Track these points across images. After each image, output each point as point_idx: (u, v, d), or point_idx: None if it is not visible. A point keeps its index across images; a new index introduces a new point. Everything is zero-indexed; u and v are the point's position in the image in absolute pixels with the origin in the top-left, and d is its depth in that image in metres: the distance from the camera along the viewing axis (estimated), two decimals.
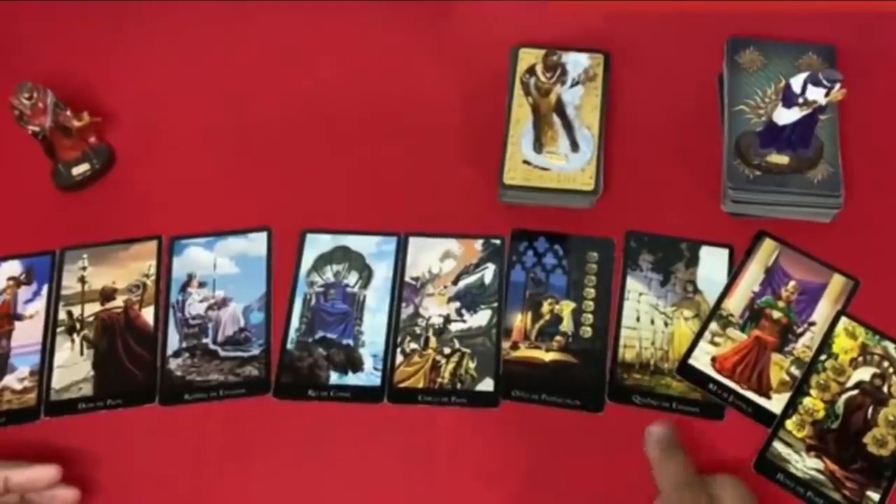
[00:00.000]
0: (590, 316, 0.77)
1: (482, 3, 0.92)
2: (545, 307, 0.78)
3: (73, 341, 0.78)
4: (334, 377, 0.76)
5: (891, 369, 0.73)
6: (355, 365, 0.77)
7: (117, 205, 0.84)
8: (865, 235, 0.79)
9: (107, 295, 0.80)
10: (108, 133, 0.87)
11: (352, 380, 0.76)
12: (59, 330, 0.79)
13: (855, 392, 0.73)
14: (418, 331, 0.78)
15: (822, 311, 0.76)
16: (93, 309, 0.80)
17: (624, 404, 0.74)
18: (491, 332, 0.77)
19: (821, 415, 0.72)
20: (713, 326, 0.76)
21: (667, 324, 0.76)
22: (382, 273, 0.80)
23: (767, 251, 0.78)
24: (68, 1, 0.93)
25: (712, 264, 0.78)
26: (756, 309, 0.76)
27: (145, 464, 0.74)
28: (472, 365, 0.76)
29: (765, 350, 0.75)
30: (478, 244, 0.80)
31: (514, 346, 0.77)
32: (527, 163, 0.81)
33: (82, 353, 0.78)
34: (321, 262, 0.81)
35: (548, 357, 0.76)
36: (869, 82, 0.82)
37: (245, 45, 0.91)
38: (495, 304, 0.78)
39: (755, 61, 0.83)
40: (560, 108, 0.83)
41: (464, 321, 0.78)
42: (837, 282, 0.77)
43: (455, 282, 0.79)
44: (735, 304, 0.76)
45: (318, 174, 0.84)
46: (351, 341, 0.77)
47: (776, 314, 0.76)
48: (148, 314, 0.79)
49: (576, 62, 0.84)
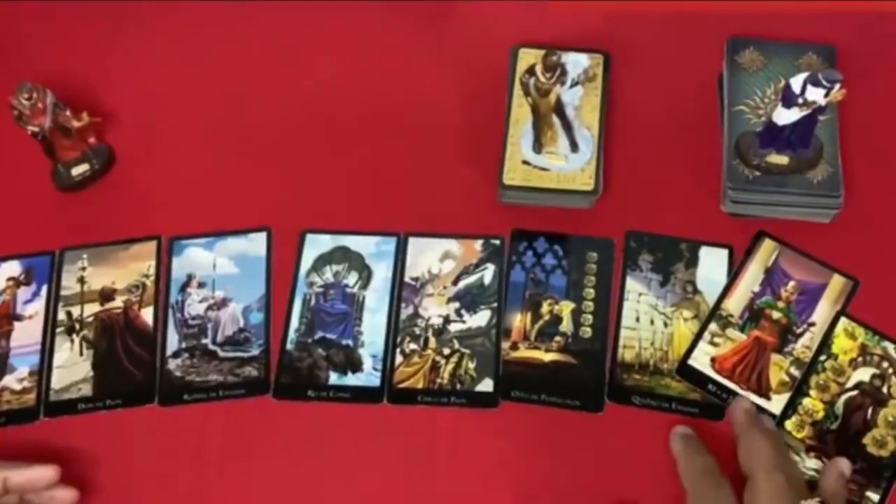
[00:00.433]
0: (589, 316, 0.77)
1: (482, 3, 0.92)
2: (545, 307, 0.78)
3: (72, 341, 0.78)
4: (334, 377, 0.76)
5: (890, 370, 0.73)
6: (355, 365, 0.77)
7: (117, 205, 0.84)
8: (865, 235, 0.78)
9: (106, 295, 0.80)
10: (107, 133, 0.87)
11: (351, 380, 0.76)
12: (58, 330, 0.79)
13: (854, 393, 0.73)
14: (418, 331, 0.78)
15: (822, 312, 0.76)
16: (92, 309, 0.80)
17: (623, 405, 0.74)
18: (490, 333, 0.77)
19: (820, 415, 0.72)
20: (713, 327, 0.76)
21: (666, 324, 0.76)
22: (382, 273, 0.80)
23: (767, 251, 0.78)
24: (68, 1, 0.93)
25: (712, 264, 0.78)
26: (756, 309, 0.76)
27: (145, 464, 0.74)
28: (471, 365, 0.76)
29: (764, 350, 0.75)
30: (477, 244, 0.80)
31: (514, 347, 0.76)
32: (526, 163, 0.80)
33: (82, 354, 0.78)
34: (321, 262, 0.80)
35: (547, 357, 0.76)
36: (869, 82, 0.82)
37: (245, 45, 0.91)
38: (495, 305, 0.78)
39: (755, 61, 0.83)
40: (560, 108, 0.82)
41: (463, 321, 0.78)
42: (837, 282, 0.76)
43: (455, 282, 0.79)
44: (735, 305, 0.76)
45: (318, 174, 0.84)
46: (350, 342, 0.77)
47: (776, 314, 0.76)
48: (147, 314, 0.79)
49: (576, 62, 0.84)
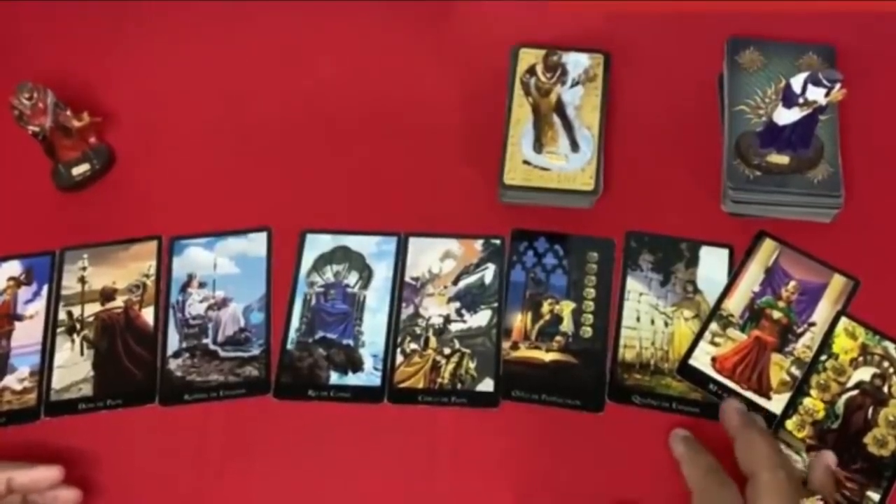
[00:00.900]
0: (590, 316, 0.77)
1: (482, 3, 0.92)
2: (545, 307, 0.78)
3: (73, 341, 0.78)
4: (334, 377, 0.76)
5: (891, 369, 0.73)
6: (355, 365, 0.77)
7: (117, 205, 0.84)
8: (865, 235, 0.78)
9: (107, 295, 0.80)
10: (108, 133, 0.87)
11: (352, 380, 0.76)
12: (59, 330, 0.79)
13: (855, 392, 0.73)
14: (418, 331, 0.78)
15: (823, 312, 0.76)
16: (93, 309, 0.80)
17: (624, 404, 0.74)
18: (491, 333, 0.77)
19: (821, 415, 0.72)
20: (713, 326, 0.76)
21: (667, 324, 0.76)
22: (382, 273, 0.80)
23: (767, 251, 0.78)
24: (68, 1, 0.93)
25: (712, 264, 0.78)
26: (756, 309, 0.76)
27: (145, 464, 0.74)
28: (472, 365, 0.76)
29: (765, 350, 0.75)
30: (478, 244, 0.80)
31: (514, 347, 0.76)
32: (527, 163, 0.80)
33: (82, 354, 0.78)
34: (321, 262, 0.80)
35: (548, 357, 0.76)
36: (869, 82, 0.82)
37: (245, 45, 0.91)
38: (495, 305, 0.78)
39: (755, 61, 0.83)
40: (560, 108, 0.82)
41: (464, 321, 0.78)
42: (837, 282, 0.76)
43: (455, 282, 0.79)
44: (735, 305, 0.76)
45: (318, 174, 0.84)
46: (351, 341, 0.77)
47: (776, 314, 0.76)
48: (148, 314, 0.79)
49: (576, 62, 0.84)
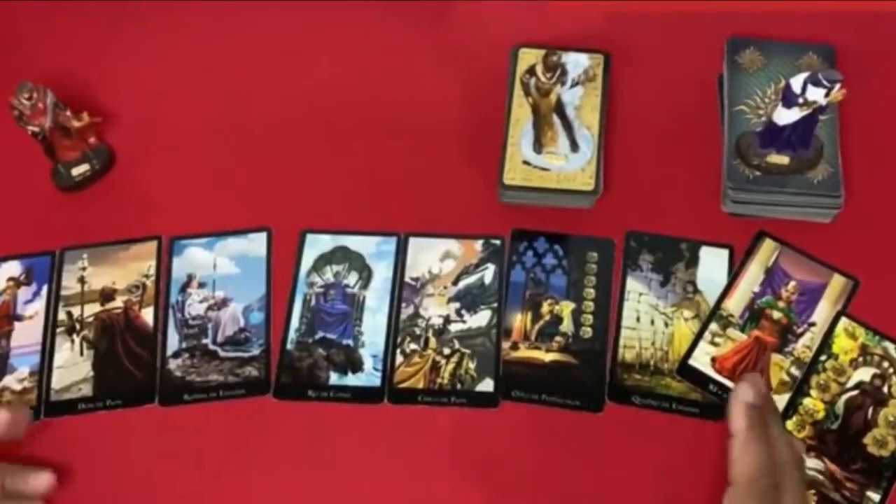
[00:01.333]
0: (590, 316, 0.77)
1: (482, 3, 0.92)
2: (545, 307, 0.78)
3: (72, 342, 0.78)
4: (334, 377, 0.76)
5: (891, 370, 0.73)
6: (355, 365, 0.77)
7: (117, 205, 0.84)
8: (865, 235, 0.78)
9: (106, 295, 0.80)
10: (108, 133, 0.86)
11: (352, 380, 0.76)
12: (58, 330, 0.79)
13: (855, 392, 0.73)
14: (418, 331, 0.77)
15: (822, 312, 0.76)
16: (92, 309, 0.80)
17: (624, 405, 0.74)
18: (491, 333, 0.77)
19: (821, 415, 0.72)
20: (713, 327, 0.76)
21: (667, 324, 0.76)
22: (382, 273, 0.80)
23: (767, 251, 0.78)
24: (68, 1, 0.93)
25: (712, 264, 0.78)
26: (756, 309, 0.76)
27: (145, 464, 0.74)
28: (471, 365, 0.76)
29: (765, 350, 0.75)
30: (478, 244, 0.80)
31: (514, 347, 0.76)
32: (527, 163, 0.80)
33: (82, 354, 0.78)
34: (321, 262, 0.80)
35: (548, 357, 0.76)
36: (869, 82, 0.82)
37: (245, 45, 0.91)
38: (495, 305, 0.78)
39: (755, 61, 0.83)
40: (560, 108, 0.82)
41: (464, 321, 0.78)
42: (837, 282, 0.76)
43: (455, 282, 0.79)
44: (735, 305, 0.76)
45: (318, 174, 0.84)
46: (351, 342, 0.77)
47: (776, 314, 0.76)
48: (148, 315, 0.79)
49: (576, 62, 0.84)
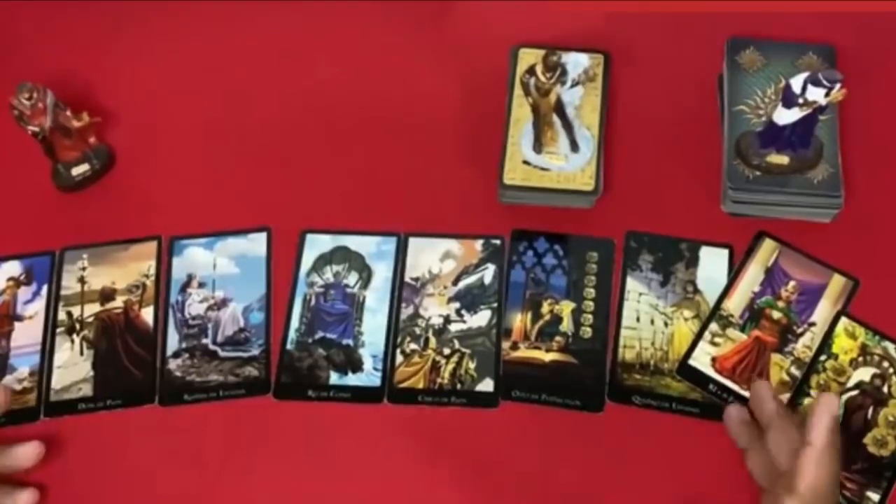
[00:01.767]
0: (590, 316, 0.77)
1: (482, 3, 0.92)
2: (545, 307, 0.78)
3: (72, 342, 0.78)
4: (334, 377, 0.76)
5: (891, 370, 0.73)
6: (355, 365, 0.77)
7: (117, 205, 0.84)
8: (865, 235, 0.78)
9: (106, 295, 0.80)
10: (108, 133, 0.86)
11: (352, 380, 0.76)
12: (58, 330, 0.79)
13: (855, 392, 0.73)
14: (418, 331, 0.77)
15: (822, 312, 0.76)
16: (92, 309, 0.80)
17: (624, 404, 0.74)
18: (491, 333, 0.77)
19: None
20: (713, 327, 0.76)
21: (667, 324, 0.76)
22: (382, 273, 0.80)
23: (767, 251, 0.78)
24: (68, 1, 0.93)
25: (712, 264, 0.78)
26: (756, 309, 0.76)
27: (145, 464, 0.74)
28: (471, 365, 0.76)
29: (765, 350, 0.75)
30: (478, 244, 0.80)
31: (514, 347, 0.76)
32: (527, 163, 0.80)
33: (82, 354, 0.78)
34: (321, 262, 0.80)
35: (548, 357, 0.76)
36: (869, 82, 0.82)
37: (245, 45, 0.91)
38: (495, 305, 0.78)
39: (755, 61, 0.83)
40: (560, 108, 0.82)
41: (464, 321, 0.78)
42: (837, 282, 0.76)
43: (455, 282, 0.79)
44: (735, 305, 0.76)
45: (318, 174, 0.84)
46: (351, 342, 0.77)
47: (776, 314, 0.76)
48: (148, 315, 0.79)
49: (576, 62, 0.84)
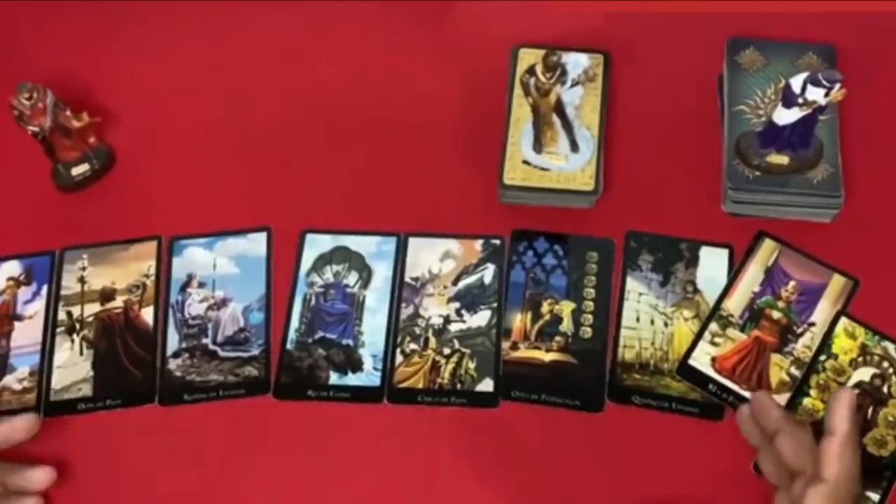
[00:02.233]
0: (590, 316, 0.77)
1: (482, 3, 0.92)
2: (545, 307, 0.78)
3: (72, 341, 0.78)
4: (334, 377, 0.76)
5: (891, 370, 0.73)
6: (355, 365, 0.77)
7: (117, 205, 0.84)
8: (865, 235, 0.78)
9: (106, 295, 0.80)
10: (107, 133, 0.86)
11: (351, 380, 0.76)
12: (58, 330, 0.79)
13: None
14: (418, 331, 0.77)
15: (822, 312, 0.76)
16: (92, 309, 0.80)
17: (624, 404, 0.74)
18: (491, 333, 0.77)
19: (821, 415, 0.72)
20: (713, 327, 0.76)
21: (667, 324, 0.76)
22: (382, 273, 0.80)
23: (767, 251, 0.78)
24: (68, 1, 0.93)
25: (712, 264, 0.78)
26: (756, 309, 0.76)
27: (145, 464, 0.74)
28: (471, 365, 0.76)
29: (765, 350, 0.75)
30: (478, 244, 0.80)
31: (514, 347, 0.76)
32: (527, 163, 0.80)
33: (82, 354, 0.78)
34: (321, 262, 0.80)
35: (547, 357, 0.76)
36: (869, 82, 0.82)
37: (245, 45, 0.91)
38: (495, 305, 0.78)
39: (755, 61, 0.83)
40: (560, 108, 0.82)
41: (463, 321, 0.78)
42: (837, 282, 0.76)
43: (455, 282, 0.79)
44: (735, 305, 0.76)
45: (318, 174, 0.84)
46: (351, 341, 0.77)
47: (776, 314, 0.76)
48: (147, 314, 0.79)
49: (576, 62, 0.84)
